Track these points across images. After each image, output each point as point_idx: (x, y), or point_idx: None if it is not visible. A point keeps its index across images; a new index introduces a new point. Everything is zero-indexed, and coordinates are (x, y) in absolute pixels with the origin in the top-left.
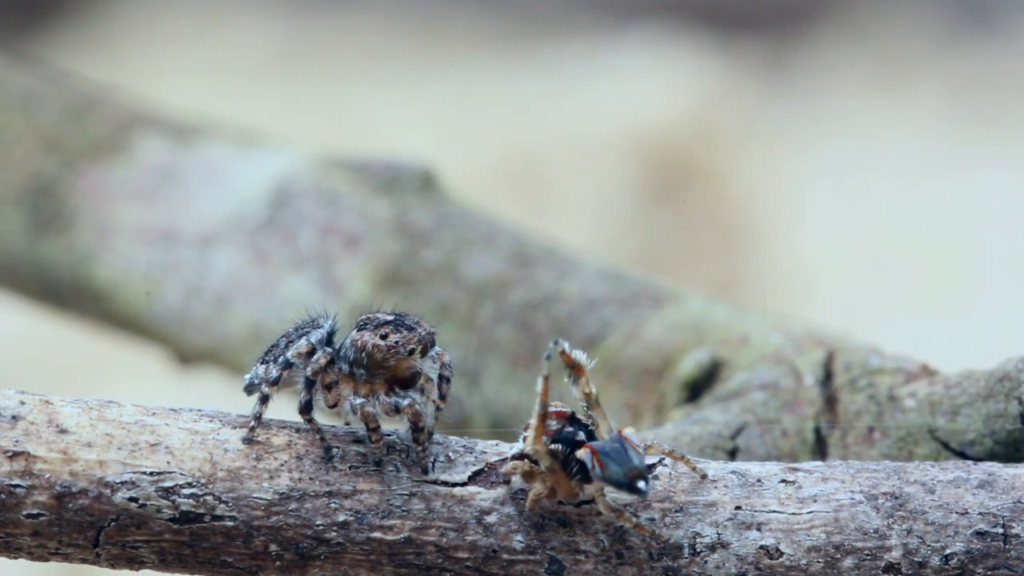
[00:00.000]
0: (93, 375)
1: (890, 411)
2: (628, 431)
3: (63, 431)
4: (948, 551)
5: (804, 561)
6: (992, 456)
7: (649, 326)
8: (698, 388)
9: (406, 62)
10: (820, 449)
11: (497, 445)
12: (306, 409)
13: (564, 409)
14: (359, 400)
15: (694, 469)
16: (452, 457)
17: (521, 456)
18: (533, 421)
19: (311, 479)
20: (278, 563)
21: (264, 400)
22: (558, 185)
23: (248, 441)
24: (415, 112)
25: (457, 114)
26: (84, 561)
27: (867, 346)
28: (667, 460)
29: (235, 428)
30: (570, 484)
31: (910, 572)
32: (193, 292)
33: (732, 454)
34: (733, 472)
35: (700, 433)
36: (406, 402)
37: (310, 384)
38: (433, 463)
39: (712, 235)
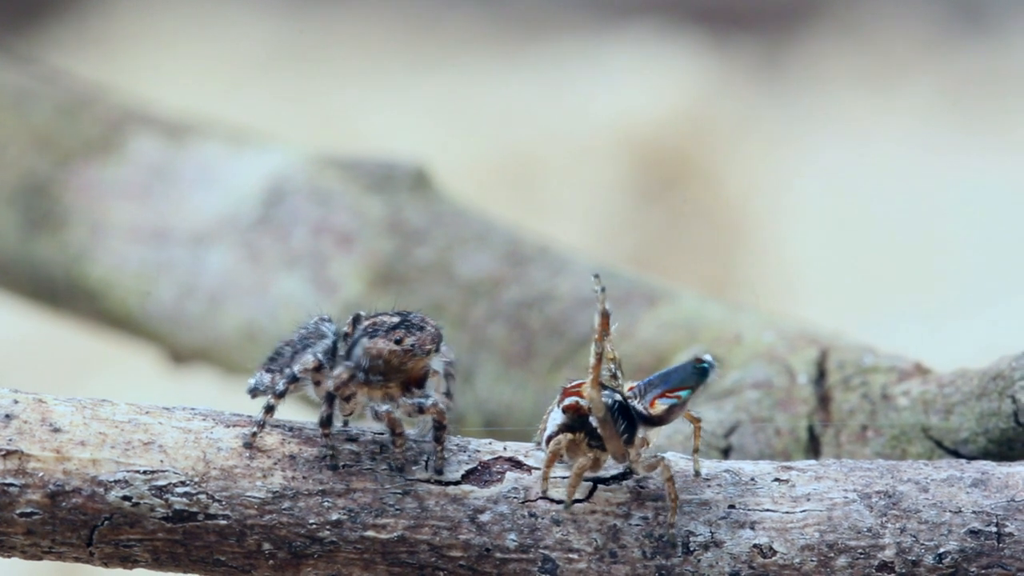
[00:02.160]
0: (86, 374)
1: (884, 410)
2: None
3: (56, 430)
4: (942, 550)
5: (798, 560)
6: (986, 455)
7: (642, 324)
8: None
9: (399, 61)
10: (814, 448)
11: (490, 444)
12: (327, 423)
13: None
14: (384, 406)
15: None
16: (445, 456)
17: (560, 431)
18: (592, 360)
19: (304, 478)
20: (271, 562)
21: (269, 411)
22: (551, 184)
23: (248, 445)
24: (408, 111)
25: (450, 112)
26: (77, 560)
27: (860, 345)
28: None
29: (228, 427)
30: (620, 440)
31: (904, 571)
32: (186, 291)
33: (726, 453)
34: (727, 471)
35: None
36: (430, 402)
37: (332, 399)
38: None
39: (705, 233)
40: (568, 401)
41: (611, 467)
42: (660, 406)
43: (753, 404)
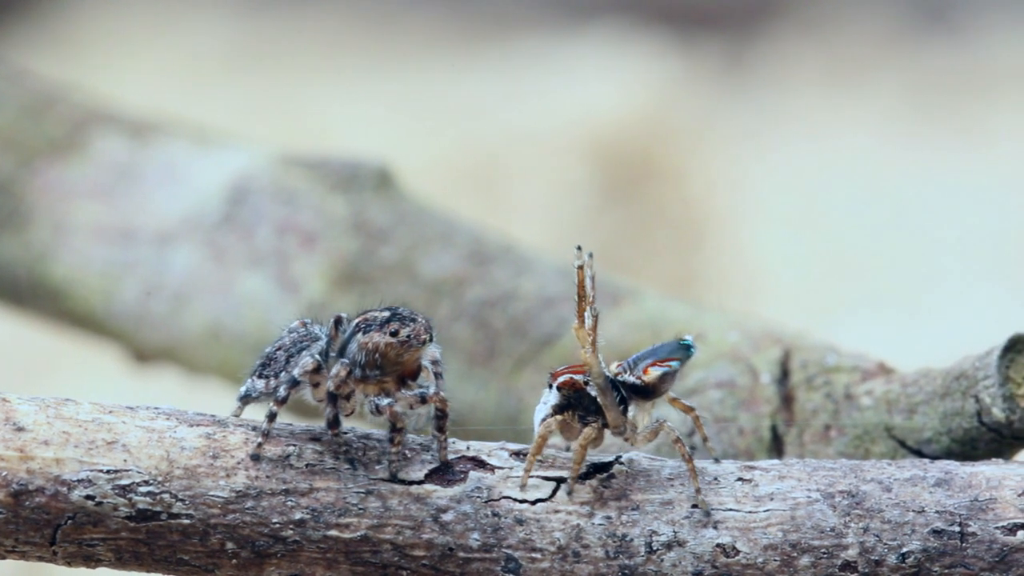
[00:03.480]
0: (50, 373)
1: (847, 409)
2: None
3: (20, 429)
4: (905, 549)
5: (760, 559)
6: (949, 454)
7: (607, 324)
8: None
9: (363, 60)
10: (777, 447)
11: (454, 443)
12: (336, 424)
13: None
14: (386, 401)
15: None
16: (408, 455)
17: (556, 408)
18: (588, 324)
19: (268, 477)
20: (234, 561)
21: (272, 418)
22: (515, 183)
23: (256, 457)
24: (372, 110)
25: (414, 112)
26: (41, 559)
27: (824, 344)
28: (623, 458)
29: (192, 426)
30: (619, 410)
31: (867, 570)
32: (150, 290)
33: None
34: None
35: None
36: (432, 390)
37: (334, 399)
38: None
39: (669, 233)
40: (563, 378)
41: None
42: (653, 372)
43: (716, 404)
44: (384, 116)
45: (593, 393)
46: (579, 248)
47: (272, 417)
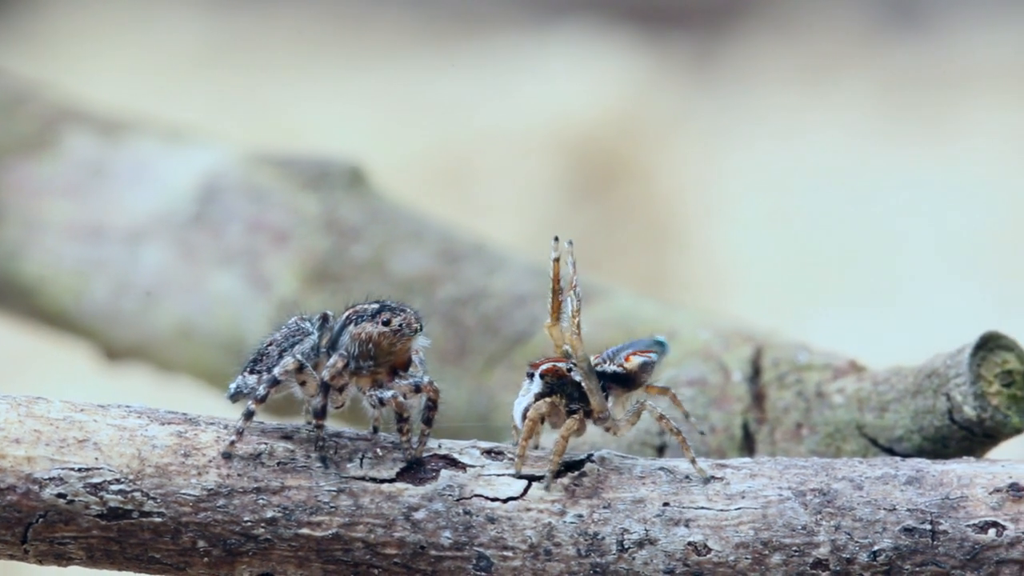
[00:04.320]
0: (21, 371)
1: (818, 407)
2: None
3: None
4: (876, 547)
5: (732, 557)
6: (920, 452)
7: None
8: None
9: (334, 58)
10: (748, 445)
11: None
12: (323, 414)
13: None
14: (390, 393)
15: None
16: (380, 454)
17: (538, 397)
18: (573, 306)
19: (239, 475)
20: (206, 559)
21: (249, 416)
22: (486, 181)
23: (228, 456)
24: (344, 108)
25: (385, 110)
26: (12, 557)
27: (795, 342)
28: (595, 456)
29: (163, 424)
30: (602, 395)
31: (838, 568)
32: (121, 288)
33: (660, 450)
34: (661, 468)
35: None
36: (426, 379)
37: (327, 389)
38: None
39: (640, 231)
40: (546, 365)
41: (546, 467)
42: (635, 360)
43: (688, 402)
44: (356, 114)
45: (577, 378)
46: (556, 239)
47: (249, 416)
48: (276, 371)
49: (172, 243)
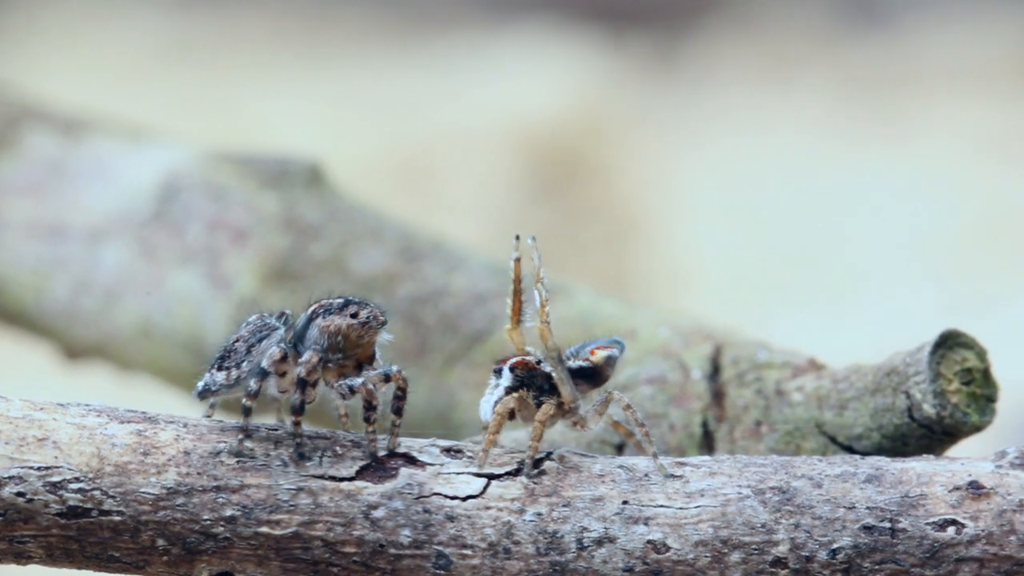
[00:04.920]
0: None
1: (777, 405)
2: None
3: None
4: (835, 545)
5: (691, 555)
6: (880, 450)
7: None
8: None
9: (294, 56)
10: (707, 443)
11: (385, 439)
12: (300, 410)
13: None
14: (359, 380)
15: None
16: (339, 452)
17: (508, 391)
18: (539, 301)
19: (199, 474)
20: (165, 558)
21: (247, 412)
22: (445, 179)
23: (239, 454)
24: (304, 107)
25: (344, 109)
26: None
27: (755, 340)
28: (554, 454)
29: (123, 423)
30: (573, 386)
31: (797, 566)
32: (81, 287)
33: (619, 448)
34: (620, 467)
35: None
36: (395, 368)
37: (304, 384)
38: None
39: (599, 229)
40: (516, 359)
41: (505, 464)
42: (600, 354)
43: (647, 400)
44: (316, 113)
45: (547, 369)
46: (517, 238)
47: (247, 412)
48: (264, 362)
49: (132, 242)
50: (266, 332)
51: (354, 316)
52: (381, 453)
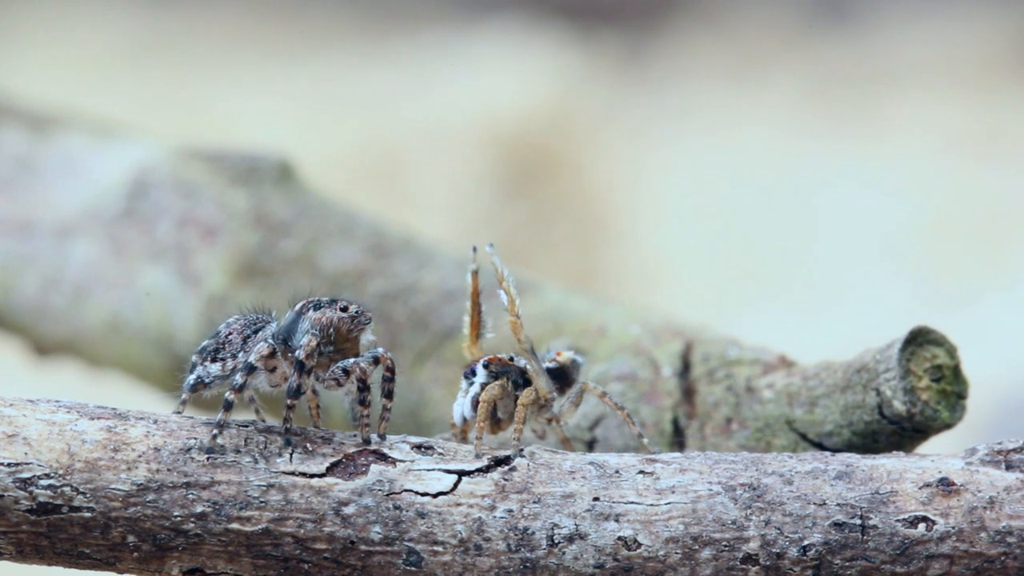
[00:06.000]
0: None
1: (748, 402)
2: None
3: None
4: (806, 542)
5: (662, 552)
6: (850, 447)
7: (507, 317)
8: None
9: (264, 53)
10: (678, 440)
11: (355, 436)
12: (296, 394)
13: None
14: (351, 360)
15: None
16: (310, 448)
17: (489, 380)
18: (505, 301)
19: (169, 470)
20: (136, 554)
21: (228, 407)
22: (415, 176)
23: (211, 450)
24: (272, 103)
25: (315, 105)
26: None
27: (725, 337)
28: (526, 451)
29: (93, 419)
30: (547, 378)
31: (768, 563)
32: (50, 283)
33: (590, 445)
34: (591, 463)
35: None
36: (380, 350)
37: (302, 367)
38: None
39: (569, 226)
40: (487, 357)
41: (475, 462)
42: (566, 355)
43: (618, 397)
44: (286, 109)
45: (521, 364)
46: (475, 250)
47: (229, 407)
48: (251, 357)
49: (101, 238)
50: (260, 324)
51: (344, 310)
52: (374, 440)
